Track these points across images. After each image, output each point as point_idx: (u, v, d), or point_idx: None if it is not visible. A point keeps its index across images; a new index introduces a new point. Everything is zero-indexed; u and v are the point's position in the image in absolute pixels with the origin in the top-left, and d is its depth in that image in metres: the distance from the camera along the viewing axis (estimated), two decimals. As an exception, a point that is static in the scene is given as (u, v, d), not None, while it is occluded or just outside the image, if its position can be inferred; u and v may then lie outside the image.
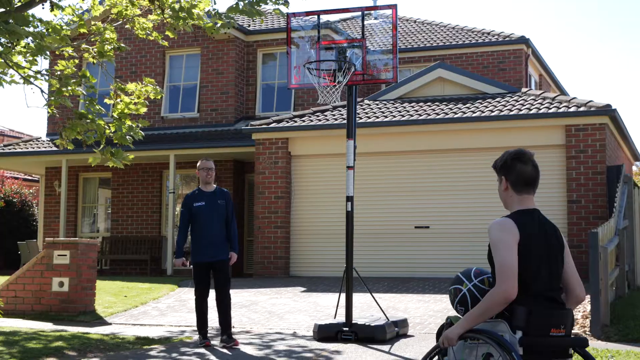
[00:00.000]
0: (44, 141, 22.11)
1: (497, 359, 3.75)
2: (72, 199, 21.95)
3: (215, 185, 9.39)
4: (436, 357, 4.08)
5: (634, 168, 29.93)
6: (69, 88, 11.05)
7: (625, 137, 17.87)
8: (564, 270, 4.05)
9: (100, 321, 11.48)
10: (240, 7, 10.38)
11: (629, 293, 13.44)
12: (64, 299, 11.80)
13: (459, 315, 4.16)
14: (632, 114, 71.48)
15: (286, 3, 10.34)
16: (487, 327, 3.87)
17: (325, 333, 9.40)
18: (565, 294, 4.07)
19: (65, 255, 11.85)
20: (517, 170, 4.03)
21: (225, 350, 8.77)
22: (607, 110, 15.19)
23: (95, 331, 10.37)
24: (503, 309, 3.80)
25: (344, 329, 9.31)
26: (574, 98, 16.10)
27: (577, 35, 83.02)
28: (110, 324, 11.28)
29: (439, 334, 4.20)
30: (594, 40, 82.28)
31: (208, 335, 9.26)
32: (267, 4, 10.40)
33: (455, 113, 16.25)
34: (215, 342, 9.35)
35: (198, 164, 9.42)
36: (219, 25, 10.89)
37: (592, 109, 15.26)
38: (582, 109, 15.35)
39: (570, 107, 15.54)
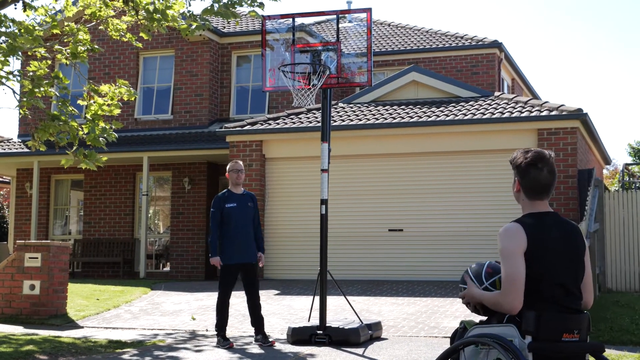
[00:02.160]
0: (15, 142, 21.88)
1: None
2: (44, 200, 21.75)
3: (242, 188, 9.54)
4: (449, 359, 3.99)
5: (605, 171, 30.27)
6: (42, 89, 10.97)
7: (596, 140, 18.06)
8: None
9: (72, 324, 11.39)
10: (216, 9, 10.37)
11: (600, 295, 13.58)
12: (35, 302, 11.68)
13: (472, 319, 4.13)
14: (602, 118, 72.31)
15: (261, 5, 10.35)
16: (496, 331, 3.80)
17: (299, 336, 9.39)
18: None
19: (37, 257, 11.74)
20: (530, 177, 3.91)
21: (200, 354, 8.74)
22: (579, 115, 15.35)
23: (67, 335, 10.28)
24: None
25: (318, 332, 9.31)
26: (546, 102, 16.25)
27: (549, 40, 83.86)
28: (82, 327, 11.19)
29: (452, 338, 4.15)
30: (566, 45, 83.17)
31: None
32: (242, 6, 10.40)
33: (429, 116, 16.33)
34: (189, 344, 9.30)
35: (228, 166, 9.54)
36: (193, 27, 10.86)
37: (563, 113, 15.41)
38: (554, 113, 15.49)
39: (542, 111, 15.68)
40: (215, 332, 9.31)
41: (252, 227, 9.44)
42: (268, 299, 13.41)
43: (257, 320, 9.36)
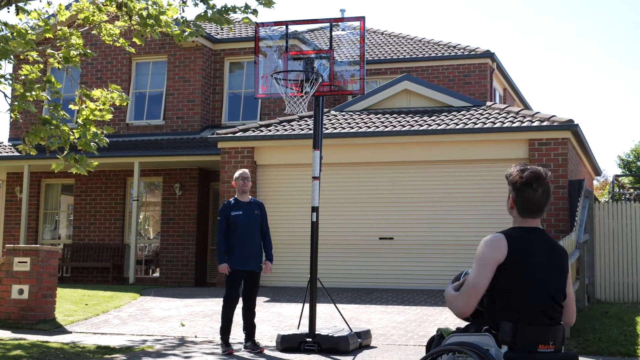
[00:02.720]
0: (5, 146, 21.81)
1: None
2: (34, 205, 21.67)
3: (250, 196, 9.59)
4: None
5: (595, 183, 30.37)
6: (33, 93, 10.95)
7: (587, 151, 18.12)
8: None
9: (60, 330, 11.34)
10: (209, 15, 10.38)
11: (589, 306, 13.61)
12: (23, 307, 11.62)
13: (449, 327, 4.18)
14: (593, 129, 72.61)
15: (255, 12, 10.35)
16: (472, 340, 3.84)
17: (288, 343, 9.38)
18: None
19: (26, 262, 11.68)
20: (525, 197, 3.92)
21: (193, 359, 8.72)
22: (570, 125, 15.40)
23: (55, 340, 10.23)
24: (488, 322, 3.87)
25: (307, 339, 9.30)
26: (538, 112, 16.29)
27: (541, 51, 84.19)
28: (70, 332, 11.14)
29: (428, 346, 4.20)
30: (558, 56, 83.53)
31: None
32: (235, 12, 10.41)
33: (421, 125, 16.36)
34: (178, 350, 9.27)
35: (235, 175, 9.60)
36: (187, 33, 10.86)
37: (554, 123, 15.46)
38: (545, 123, 15.54)
39: (533, 122, 15.73)
40: (220, 337, 9.31)
41: (259, 235, 9.46)
42: (258, 305, 13.34)
43: (249, 326, 9.36)
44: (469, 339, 3.85)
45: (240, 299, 9.44)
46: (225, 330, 9.25)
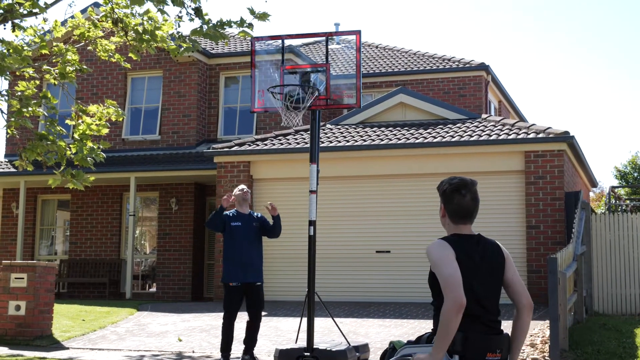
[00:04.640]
0: (1, 162, 21.79)
1: None
2: (30, 220, 21.62)
3: (249, 210, 9.72)
4: None
5: (591, 194, 30.40)
6: (30, 109, 10.96)
7: (583, 163, 18.15)
8: (510, 281, 4.08)
9: (57, 346, 11.29)
10: (205, 30, 10.40)
11: (587, 318, 13.60)
12: (20, 323, 11.58)
13: (401, 340, 4.25)
14: (589, 141, 72.78)
15: (251, 26, 10.39)
16: (425, 351, 3.92)
17: (286, 358, 9.33)
18: (517, 305, 4.10)
19: (23, 278, 11.65)
20: (454, 203, 4.14)
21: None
22: (565, 137, 15.43)
23: (52, 356, 10.19)
24: (460, 319, 3.79)
25: (305, 354, 9.26)
26: (533, 124, 16.33)
27: (536, 63, 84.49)
28: (67, 348, 11.10)
29: (382, 359, 4.26)
30: (552, 68, 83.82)
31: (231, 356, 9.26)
32: (231, 27, 10.44)
33: (417, 138, 16.38)
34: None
35: (234, 191, 9.80)
36: (183, 48, 10.89)
37: (550, 135, 15.49)
38: (540, 135, 15.57)
39: (529, 134, 15.76)
40: (221, 354, 9.31)
41: (258, 247, 9.50)
42: (255, 320, 13.33)
43: (250, 340, 9.33)
44: (422, 350, 3.95)
45: (247, 314, 9.42)
46: (226, 346, 9.22)
